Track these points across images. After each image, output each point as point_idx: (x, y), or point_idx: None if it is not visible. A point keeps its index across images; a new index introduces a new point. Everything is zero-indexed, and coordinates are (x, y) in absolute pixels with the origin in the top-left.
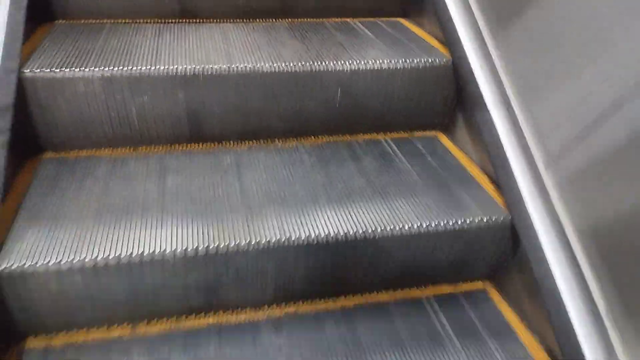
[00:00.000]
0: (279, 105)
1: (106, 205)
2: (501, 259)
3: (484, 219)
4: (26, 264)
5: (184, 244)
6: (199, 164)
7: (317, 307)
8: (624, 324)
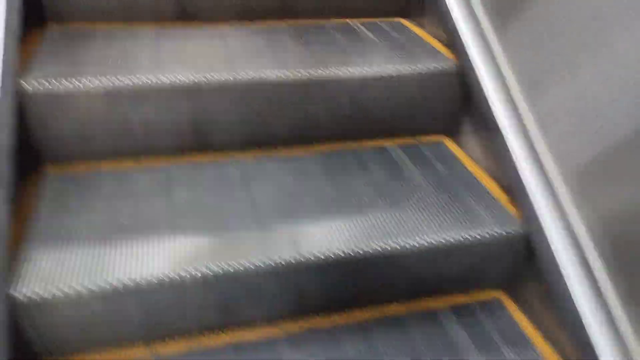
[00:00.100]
0: (284, 113)
1: (115, 225)
2: (516, 268)
3: (498, 231)
4: (40, 290)
5: (198, 266)
6: (205, 176)
7: (333, 322)
8: None
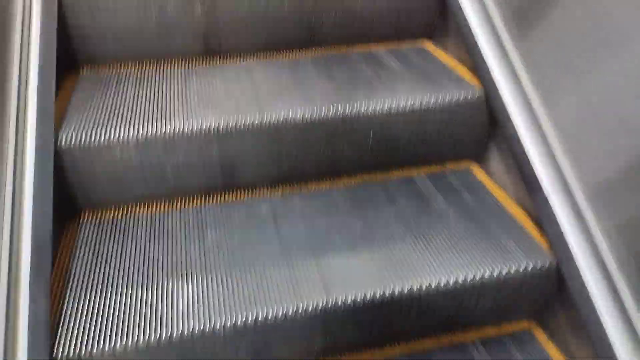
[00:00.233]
0: (311, 150)
1: (149, 270)
2: (546, 299)
3: (529, 266)
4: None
5: (232, 314)
6: (235, 216)
7: (362, 359)
8: None
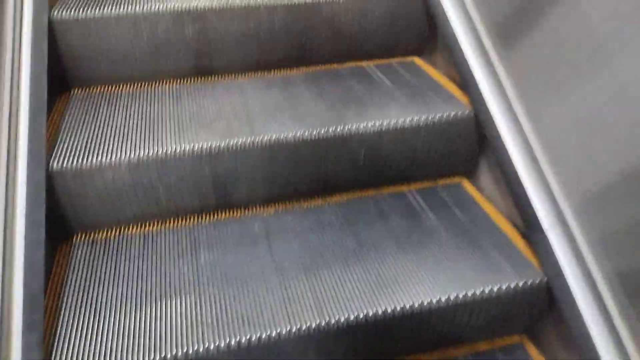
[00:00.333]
0: (303, 169)
1: (143, 291)
2: (537, 315)
3: (520, 282)
4: None
5: (226, 336)
6: (228, 235)
7: None
8: None
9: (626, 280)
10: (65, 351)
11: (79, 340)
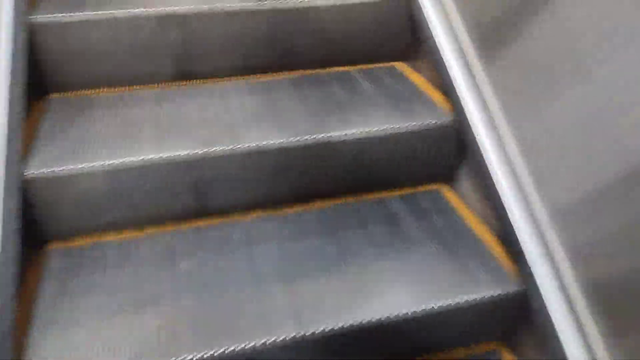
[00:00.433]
0: (285, 176)
1: (118, 301)
2: (513, 323)
3: (495, 293)
4: None
5: (203, 347)
6: (207, 241)
7: None
8: None
9: (599, 289)
10: None
11: (50, 352)
